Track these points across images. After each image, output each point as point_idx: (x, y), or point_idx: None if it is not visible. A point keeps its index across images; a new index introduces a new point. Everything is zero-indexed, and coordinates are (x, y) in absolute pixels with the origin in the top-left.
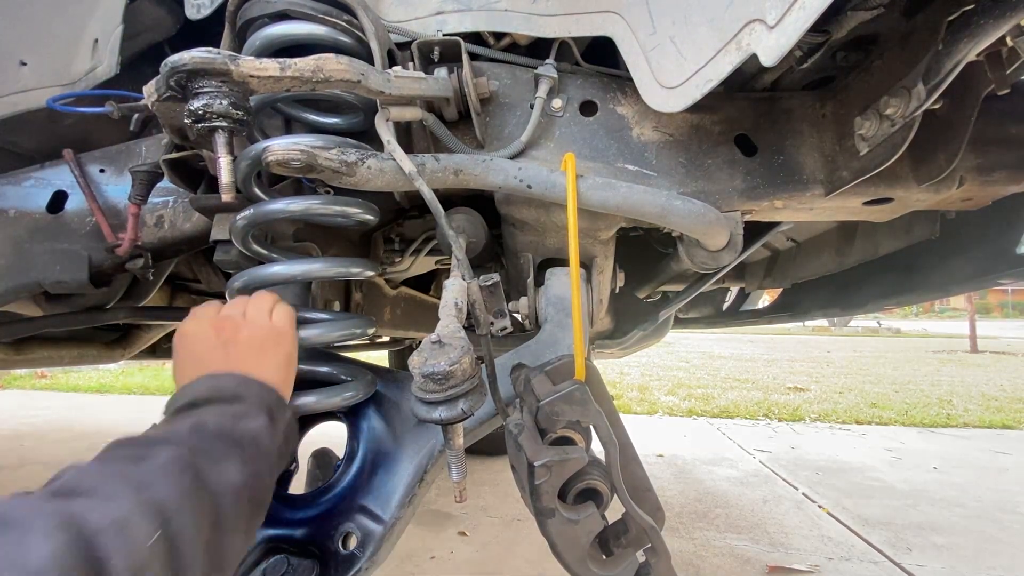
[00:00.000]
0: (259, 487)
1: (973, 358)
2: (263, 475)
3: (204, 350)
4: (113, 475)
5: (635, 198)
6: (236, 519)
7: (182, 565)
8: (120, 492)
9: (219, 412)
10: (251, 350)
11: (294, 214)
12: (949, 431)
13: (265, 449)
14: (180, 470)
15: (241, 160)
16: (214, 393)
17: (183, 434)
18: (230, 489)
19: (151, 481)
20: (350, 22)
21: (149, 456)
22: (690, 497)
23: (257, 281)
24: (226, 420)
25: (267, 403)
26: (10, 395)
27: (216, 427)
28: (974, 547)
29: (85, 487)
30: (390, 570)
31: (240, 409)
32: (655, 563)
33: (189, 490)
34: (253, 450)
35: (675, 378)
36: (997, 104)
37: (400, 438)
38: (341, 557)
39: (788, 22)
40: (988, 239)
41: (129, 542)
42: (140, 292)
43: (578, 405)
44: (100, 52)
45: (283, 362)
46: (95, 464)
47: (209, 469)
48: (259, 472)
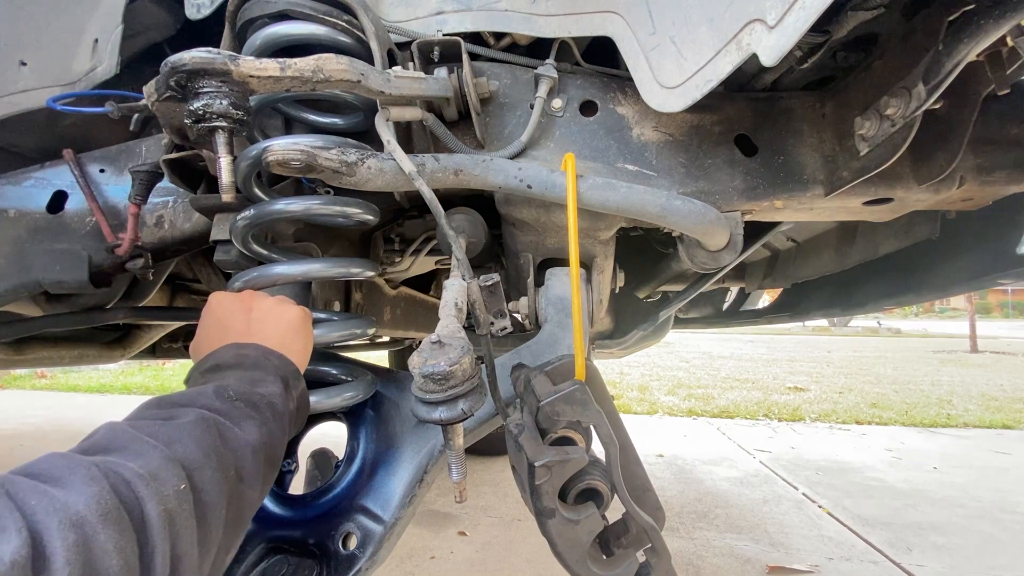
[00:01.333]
0: (274, 446)
1: (973, 358)
2: (277, 436)
3: (233, 322)
4: (142, 433)
5: (635, 198)
6: (254, 474)
7: (206, 512)
8: (149, 449)
9: (240, 376)
10: (275, 329)
11: (294, 214)
12: (949, 431)
13: (280, 412)
14: (204, 429)
15: (241, 160)
16: (238, 360)
17: (208, 396)
18: (248, 447)
19: (177, 438)
20: (350, 22)
21: (176, 416)
22: (690, 497)
23: (258, 281)
24: (246, 384)
25: (283, 373)
26: (10, 395)
27: (237, 390)
28: (974, 547)
29: (117, 445)
30: (390, 570)
31: (259, 375)
32: (655, 563)
33: (212, 447)
34: (269, 412)
35: (675, 378)
36: (997, 104)
37: (400, 438)
38: (341, 557)
39: (788, 22)
40: (988, 239)
41: (161, 490)
42: (140, 292)
43: (578, 405)
44: (100, 52)
45: (301, 346)
46: (127, 423)
47: (230, 428)
48: (273, 432)
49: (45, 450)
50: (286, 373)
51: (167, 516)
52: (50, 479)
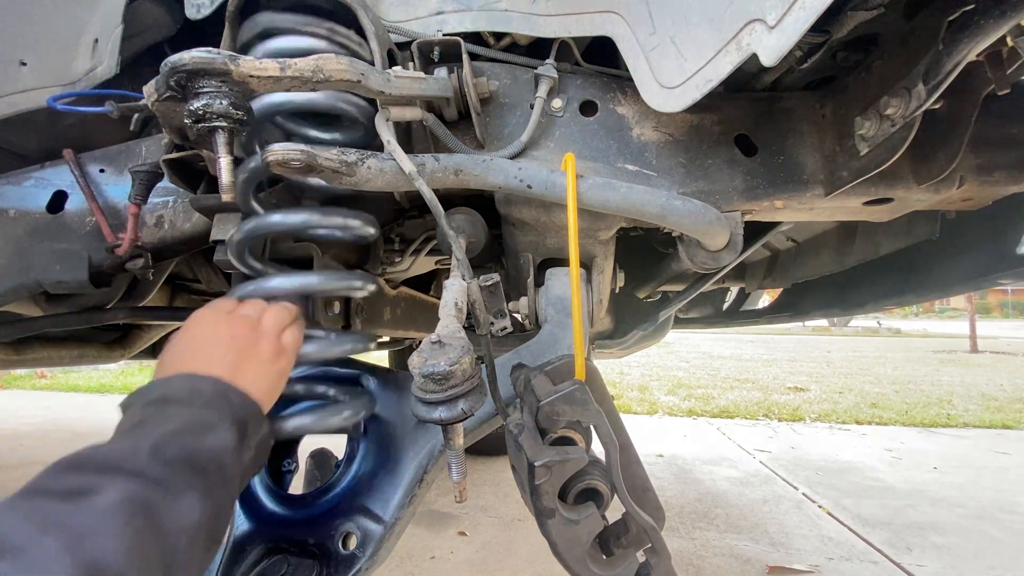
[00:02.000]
0: (218, 522)
1: (973, 358)
2: (223, 507)
3: (209, 339)
4: (47, 524)
5: (635, 198)
6: (188, 563)
7: None
8: (52, 553)
9: (188, 420)
10: (251, 357)
11: (293, 226)
12: (949, 431)
13: (230, 475)
14: (129, 514)
15: (239, 174)
16: (189, 395)
17: (141, 459)
18: (185, 530)
19: (91, 530)
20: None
21: (96, 490)
22: (690, 497)
23: (253, 296)
24: (192, 434)
25: (241, 417)
26: (10, 395)
27: (178, 450)
28: (974, 547)
29: (8, 543)
30: (390, 570)
31: (210, 419)
32: (655, 563)
33: (137, 539)
34: (217, 478)
35: (675, 378)
36: (997, 104)
37: (400, 438)
38: (341, 557)
39: (788, 22)
40: (988, 239)
41: None
42: (140, 292)
43: (578, 405)
44: (100, 52)
45: (275, 379)
46: (29, 503)
47: (165, 507)
48: (219, 505)
49: (45, 450)
50: (245, 416)
51: None
52: None
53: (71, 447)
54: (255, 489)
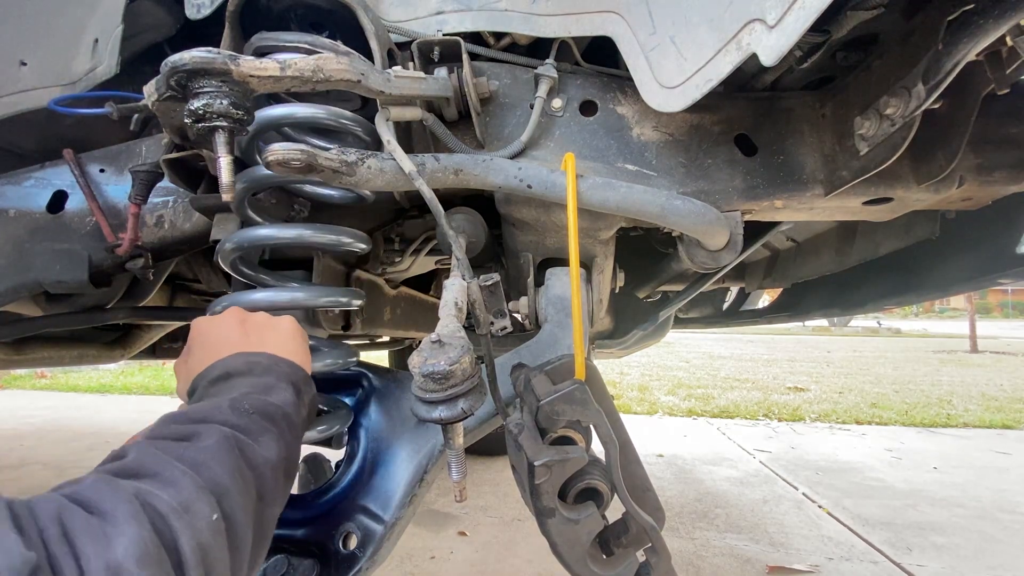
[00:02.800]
0: (291, 459)
1: (973, 358)
2: (293, 448)
3: (229, 336)
4: (170, 457)
5: (635, 198)
6: (275, 491)
7: (236, 539)
8: (180, 476)
9: (253, 383)
10: (274, 338)
11: (284, 241)
12: (949, 431)
13: (294, 423)
14: (227, 450)
15: (237, 182)
16: (248, 366)
17: (224, 411)
18: (269, 464)
19: (203, 462)
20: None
21: (198, 435)
22: (690, 497)
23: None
24: (259, 393)
25: (294, 379)
26: (10, 395)
27: (252, 403)
28: (974, 547)
29: (148, 470)
30: (390, 570)
31: (271, 381)
32: (655, 563)
33: (236, 469)
34: (285, 424)
35: (675, 378)
36: (997, 104)
37: (400, 438)
38: (341, 557)
39: (788, 22)
40: (988, 239)
41: (194, 523)
42: (140, 292)
43: (578, 405)
44: (100, 52)
45: (303, 353)
46: (151, 445)
47: (250, 446)
48: (290, 445)
49: (45, 450)
50: (297, 379)
51: (201, 551)
52: (98, 511)
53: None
54: None
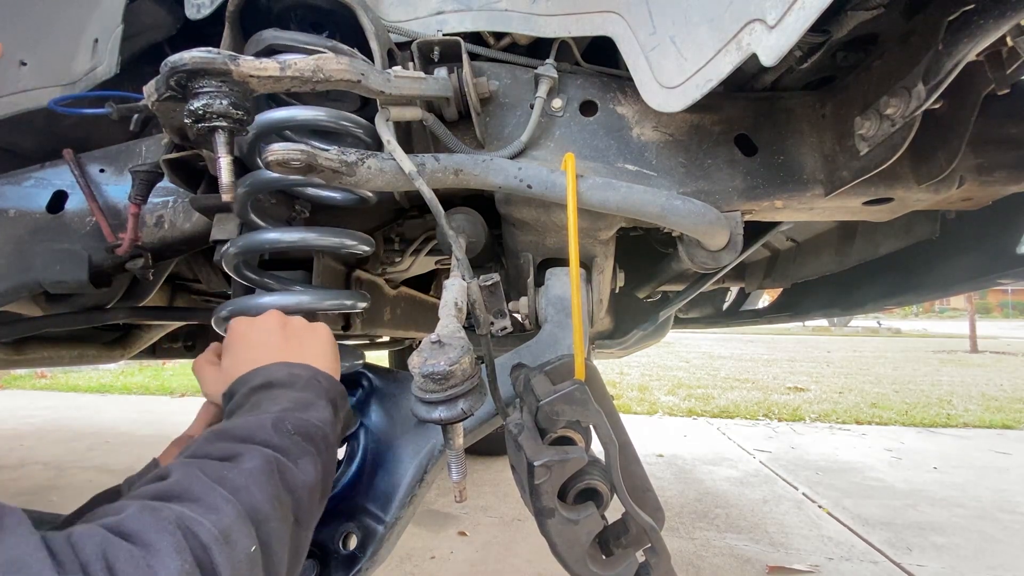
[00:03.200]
0: (327, 480)
1: (973, 358)
2: (329, 468)
3: (269, 340)
4: (212, 480)
5: (635, 198)
6: (310, 514)
7: (272, 565)
8: (222, 503)
9: (294, 399)
10: (313, 347)
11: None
12: (949, 431)
13: (331, 443)
14: (268, 475)
15: (239, 187)
16: (290, 379)
17: (267, 431)
18: (306, 488)
19: (244, 486)
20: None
21: (240, 457)
22: (690, 497)
23: (244, 312)
24: (299, 410)
25: (332, 396)
26: (10, 395)
27: (294, 423)
28: (974, 547)
29: (192, 494)
30: (390, 570)
31: (310, 398)
32: (655, 563)
33: (275, 495)
34: (323, 445)
35: (675, 378)
36: (997, 104)
37: (400, 438)
38: (341, 557)
39: (788, 22)
40: (988, 239)
41: (234, 555)
42: (140, 292)
43: (578, 405)
44: (100, 52)
45: (336, 363)
46: (195, 466)
47: (290, 469)
48: (327, 466)
49: (45, 450)
50: (335, 395)
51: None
52: (141, 543)
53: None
54: None
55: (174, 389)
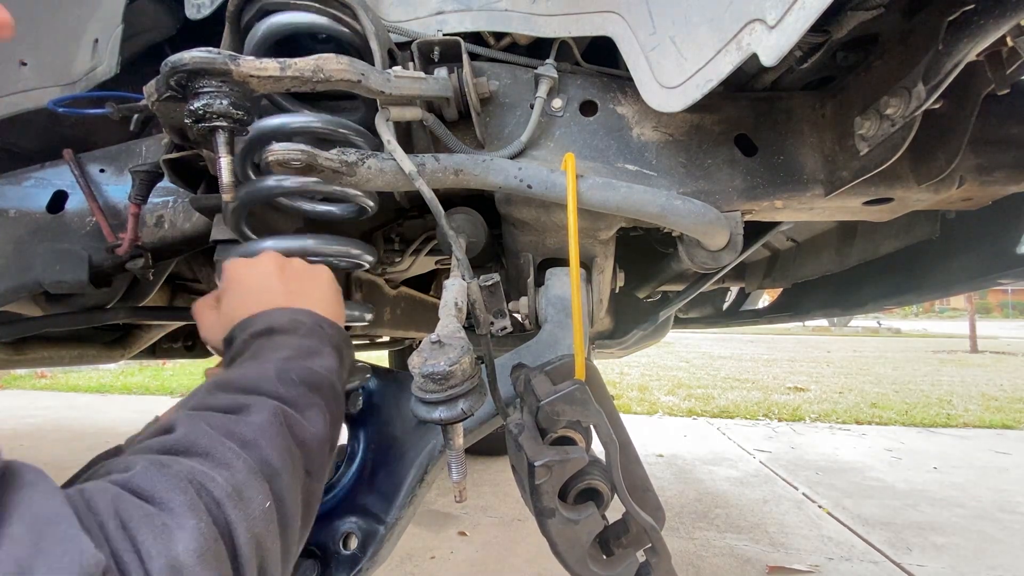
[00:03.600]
0: (335, 430)
1: (973, 358)
2: (338, 418)
3: (269, 284)
4: (221, 434)
5: (635, 198)
6: (321, 466)
7: (286, 522)
8: (233, 457)
9: (297, 346)
10: (316, 291)
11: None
12: (949, 431)
13: (338, 392)
14: (277, 427)
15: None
16: (292, 325)
17: (271, 381)
18: (316, 440)
19: (254, 440)
20: (348, 11)
21: (247, 409)
22: (690, 497)
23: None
24: (304, 358)
25: (336, 342)
26: (10, 395)
27: (299, 373)
28: (974, 547)
29: (200, 448)
30: (390, 570)
31: (315, 345)
32: (655, 563)
33: (286, 448)
34: (330, 394)
35: (675, 378)
36: (997, 104)
37: (400, 438)
38: (342, 557)
39: (788, 22)
40: (988, 239)
41: (248, 511)
42: (140, 292)
43: (578, 405)
44: (100, 52)
45: (340, 308)
46: (200, 418)
47: (299, 422)
48: (335, 416)
49: (45, 450)
50: (339, 342)
51: (255, 541)
52: (155, 501)
53: (71, 447)
54: None
55: (174, 389)
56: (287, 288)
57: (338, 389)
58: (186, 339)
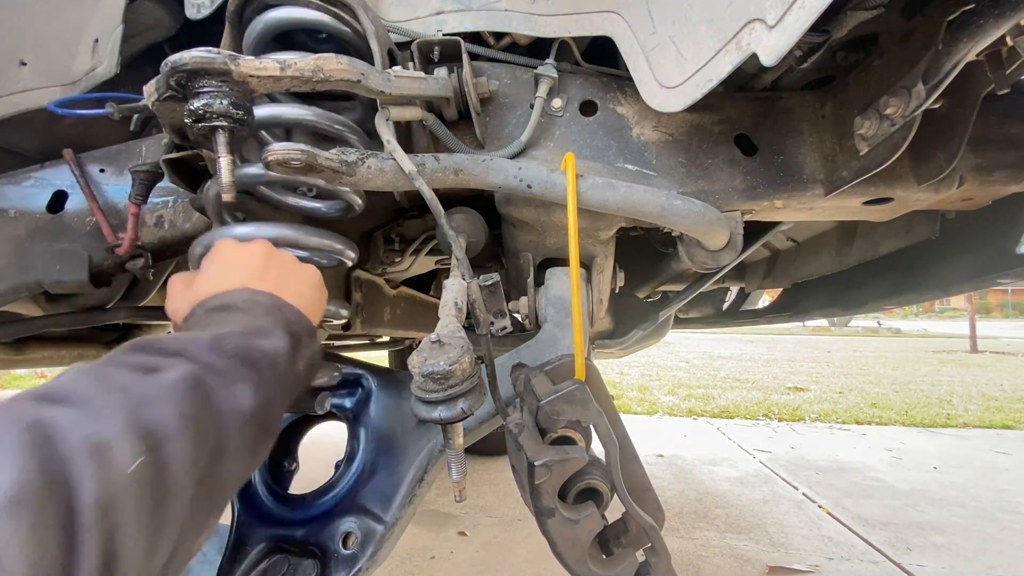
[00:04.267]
0: (269, 413)
1: (973, 358)
2: (275, 401)
3: (247, 262)
4: (113, 387)
5: (635, 198)
6: (240, 445)
7: (168, 493)
8: (111, 411)
9: (246, 324)
10: (294, 281)
11: None
12: (949, 431)
13: (282, 374)
14: (187, 390)
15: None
16: (248, 304)
17: (202, 347)
18: (237, 415)
19: (152, 398)
20: (349, 12)
21: (160, 369)
22: (690, 497)
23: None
24: (249, 336)
25: (295, 329)
26: (10, 395)
27: (236, 344)
28: (974, 547)
29: (78, 397)
30: (390, 570)
31: (267, 325)
32: (655, 563)
33: (191, 414)
34: (269, 373)
35: (675, 378)
36: (997, 104)
37: (400, 438)
38: (341, 557)
39: (788, 22)
40: (988, 239)
41: (105, 468)
42: (140, 292)
43: (578, 405)
44: (100, 52)
45: (317, 306)
46: (101, 369)
47: (220, 391)
48: (271, 397)
49: None
50: (299, 330)
51: (106, 503)
52: None
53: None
54: (255, 488)
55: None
56: (264, 275)
57: (281, 371)
58: None
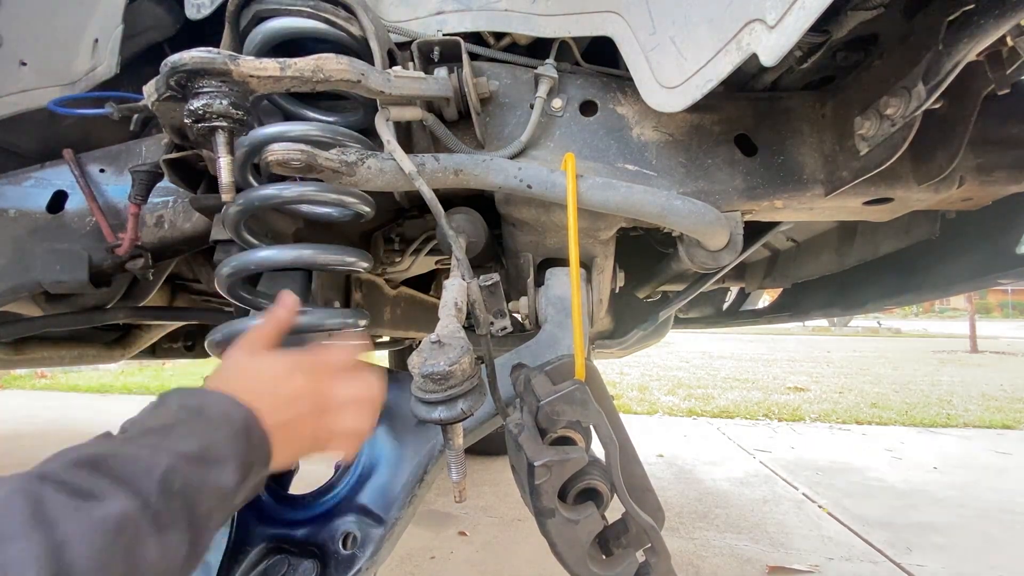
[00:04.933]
0: (193, 559)
1: (973, 358)
2: (202, 542)
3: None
4: (40, 522)
5: (635, 198)
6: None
7: None
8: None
9: (204, 447)
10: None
11: (284, 263)
12: (949, 431)
13: (217, 519)
14: (115, 532)
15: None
16: (220, 418)
17: (153, 480)
18: (157, 571)
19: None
20: (347, 19)
21: (100, 497)
22: (690, 497)
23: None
24: (199, 469)
25: (251, 459)
26: (10, 395)
27: (183, 484)
28: (974, 547)
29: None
30: (390, 570)
31: (225, 454)
32: (655, 563)
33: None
34: (204, 522)
35: (675, 378)
36: (997, 104)
37: (400, 438)
38: (341, 557)
39: (788, 22)
40: (988, 239)
41: None
42: (140, 292)
43: (578, 405)
44: (100, 52)
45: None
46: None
47: (151, 537)
48: (199, 541)
49: (45, 450)
50: (254, 459)
51: None
52: None
53: None
54: None
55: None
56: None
57: (215, 517)
58: (186, 339)
